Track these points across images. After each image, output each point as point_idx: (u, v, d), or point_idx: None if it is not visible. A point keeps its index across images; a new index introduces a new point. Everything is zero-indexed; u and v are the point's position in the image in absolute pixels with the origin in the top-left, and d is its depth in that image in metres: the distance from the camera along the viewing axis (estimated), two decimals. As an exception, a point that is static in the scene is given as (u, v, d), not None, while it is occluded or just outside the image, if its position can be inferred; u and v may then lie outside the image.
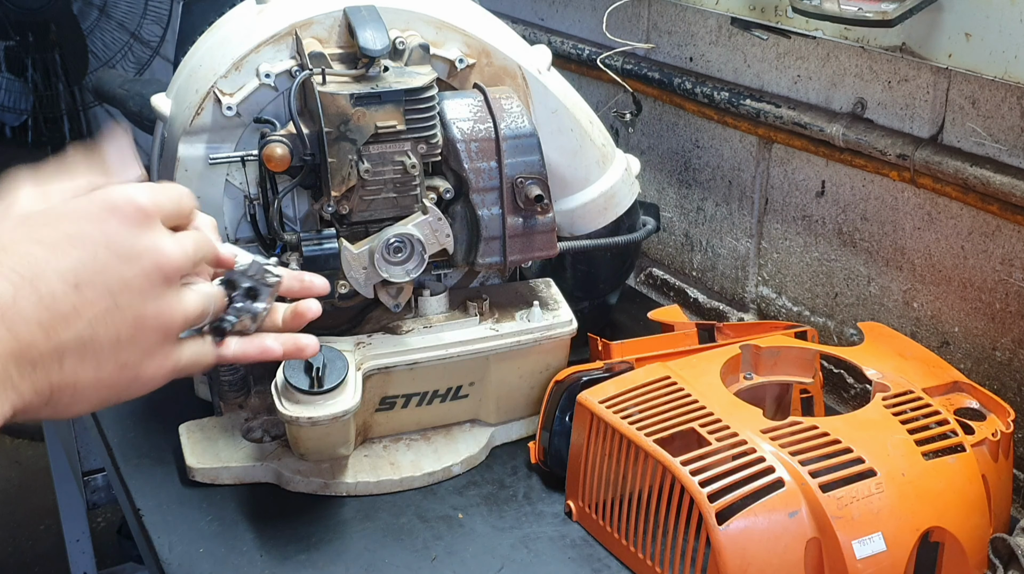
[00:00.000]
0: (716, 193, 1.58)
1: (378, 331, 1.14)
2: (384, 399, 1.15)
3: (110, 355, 0.68)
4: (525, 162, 1.12)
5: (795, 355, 1.16)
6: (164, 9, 3.49)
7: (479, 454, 1.19)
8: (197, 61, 1.16)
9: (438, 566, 1.03)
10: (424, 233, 1.08)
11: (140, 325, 0.70)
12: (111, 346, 0.68)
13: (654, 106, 1.66)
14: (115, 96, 1.93)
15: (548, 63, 1.24)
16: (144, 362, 0.71)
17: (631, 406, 1.04)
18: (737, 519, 0.90)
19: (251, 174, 1.13)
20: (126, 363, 0.70)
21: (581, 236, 1.29)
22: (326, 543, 1.06)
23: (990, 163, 1.13)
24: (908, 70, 1.22)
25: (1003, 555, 0.94)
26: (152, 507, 1.11)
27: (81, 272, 0.66)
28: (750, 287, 1.55)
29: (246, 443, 1.16)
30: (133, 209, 0.69)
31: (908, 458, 0.95)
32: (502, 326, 1.17)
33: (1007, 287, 1.16)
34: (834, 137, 1.29)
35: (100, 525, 2.75)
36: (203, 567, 1.03)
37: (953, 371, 1.11)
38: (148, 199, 0.71)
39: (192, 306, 0.73)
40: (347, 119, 1.03)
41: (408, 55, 1.09)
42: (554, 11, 1.86)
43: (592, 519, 1.06)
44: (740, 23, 1.40)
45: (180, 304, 0.72)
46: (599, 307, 1.42)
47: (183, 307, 0.72)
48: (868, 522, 0.90)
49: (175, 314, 0.71)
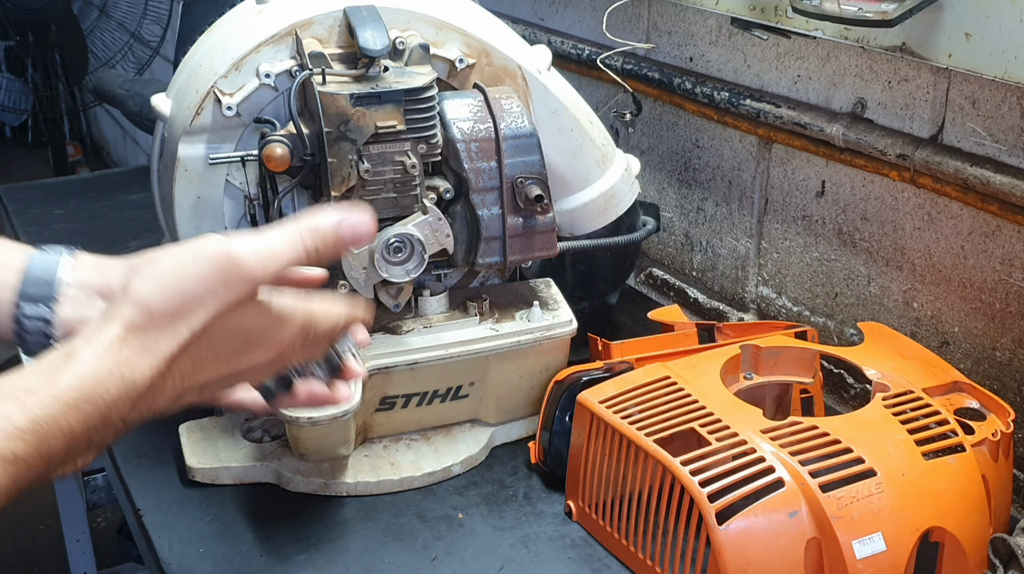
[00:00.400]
0: (716, 193, 1.58)
1: (378, 331, 1.14)
2: (384, 399, 1.15)
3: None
4: (525, 162, 1.12)
5: (795, 355, 1.16)
6: (164, 9, 3.49)
7: (479, 454, 1.19)
8: (197, 61, 1.16)
9: (438, 566, 1.03)
10: (424, 233, 1.08)
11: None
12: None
13: (654, 106, 1.66)
14: (115, 96, 1.94)
15: (548, 63, 1.24)
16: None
17: (631, 406, 1.04)
18: (737, 519, 0.90)
19: (251, 174, 1.13)
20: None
21: (581, 236, 1.29)
22: (326, 543, 1.06)
23: (990, 163, 1.13)
24: (908, 70, 1.22)
25: (1003, 555, 0.94)
26: (152, 507, 1.11)
27: (208, 386, 0.75)
28: (750, 287, 1.55)
29: (246, 443, 1.16)
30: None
31: (908, 458, 0.95)
32: (502, 326, 1.17)
33: (1007, 287, 1.16)
34: (834, 137, 1.29)
35: (100, 525, 2.75)
36: (203, 567, 1.02)
37: (953, 371, 1.11)
38: (300, 349, 0.79)
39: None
40: (347, 119, 1.03)
41: (408, 55, 1.09)
42: (554, 11, 1.86)
43: (592, 519, 1.06)
44: (740, 23, 1.40)
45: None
46: (599, 307, 1.42)
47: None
48: (868, 522, 0.90)
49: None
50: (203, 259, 0.70)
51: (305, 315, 0.78)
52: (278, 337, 0.76)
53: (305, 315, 0.78)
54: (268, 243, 0.73)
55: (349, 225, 0.76)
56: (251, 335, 0.74)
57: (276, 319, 0.76)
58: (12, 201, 2.01)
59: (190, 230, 1.15)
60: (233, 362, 0.74)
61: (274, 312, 0.76)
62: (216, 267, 0.70)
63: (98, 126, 5.40)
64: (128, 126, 4.44)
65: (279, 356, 0.77)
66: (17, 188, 2.12)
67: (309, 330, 0.78)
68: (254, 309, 0.74)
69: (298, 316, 0.77)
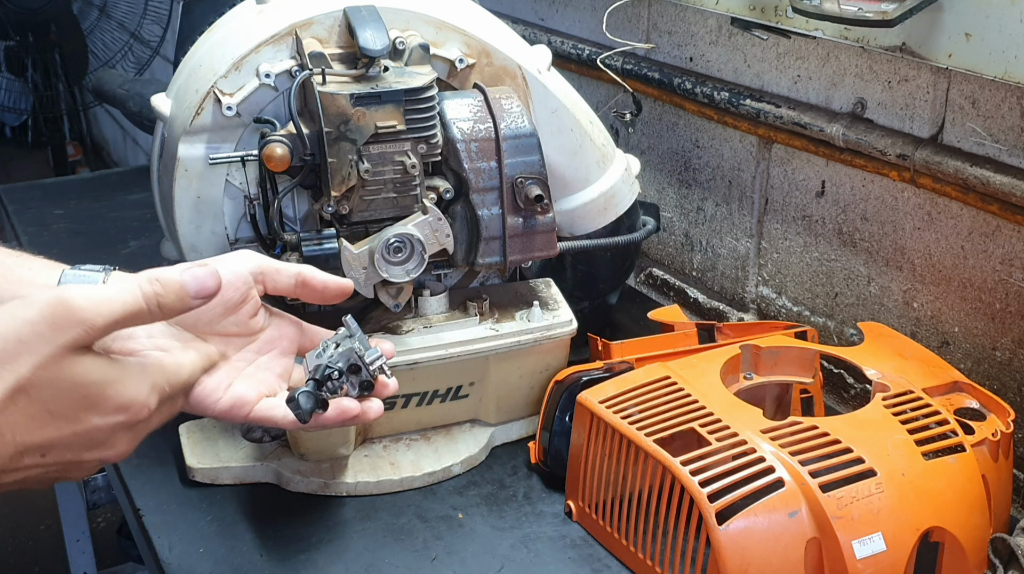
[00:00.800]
0: (716, 193, 1.58)
1: (378, 331, 1.14)
2: (384, 399, 1.15)
3: (22, 485, 0.72)
4: (525, 162, 1.12)
5: (795, 355, 1.16)
6: (164, 9, 3.49)
7: (479, 454, 1.19)
8: (197, 61, 1.16)
9: (438, 566, 1.03)
10: (424, 233, 1.08)
11: (63, 478, 0.75)
12: (30, 482, 0.72)
13: (654, 106, 1.66)
14: (115, 96, 1.93)
15: (548, 63, 1.24)
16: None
17: (631, 406, 1.04)
18: (737, 519, 0.90)
19: (251, 174, 1.13)
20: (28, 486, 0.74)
21: (581, 236, 1.29)
22: (326, 543, 1.06)
23: (990, 163, 1.13)
24: (908, 70, 1.22)
25: (1003, 555, 0.94)
26: (152, 507, 1.11)
27: (48, 448, 0.69)
28: (750, 287, 1.55)
29: (246, 443, 1.16)
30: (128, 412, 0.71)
31: (908, 458, 0.95)
32: (502, 326, 1.17)
33: (1007, 287, 1.16)
34: (834, 137, 1.29)
35: (100, 525, 2.75)
36: (203, 567, 1.03)
37: (953, 371, 1.11)
38: (154, 406, 0.73)
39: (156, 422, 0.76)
40: (347, 119, 1.03)
41: (408, 55, 1.09)
42: (554, 11, 1.86)
43: (592, 519, 1.06)
44: (740, 23, 1.40)
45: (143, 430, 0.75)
46: (599, 307, 1.42)
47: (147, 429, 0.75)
48: (868, 522, 0.90)
49: (127, 449, 0.74)
50: (33, 303, 0.67)
51: (155, 370, 0.73)
52: (124, 395, 0.70)
53: (155, 370, 0.73)
54: (104, 290, 0.69)
55: (193, 276, 0.73)
56: (89, 390, 0.69)
57: (119, 375, 0.70)
58: (12, 201, 2.01)
59: (190, 230, 1.15)
60: (73, 422, 0.69)
61: (115, 367, 0.70)
62: (45, 310, 0.66)
63: (98, 126, 5.40)
64: (128, 126, 4.44)
65: (130, 420, 0.71)
66: (17, 188, 2.12)
67: (163, 388, 0.73)
68: (90, 361, 0.68)
69: (147, 372, 0.72)
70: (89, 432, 0.70)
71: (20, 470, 0.69)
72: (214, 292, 0.75)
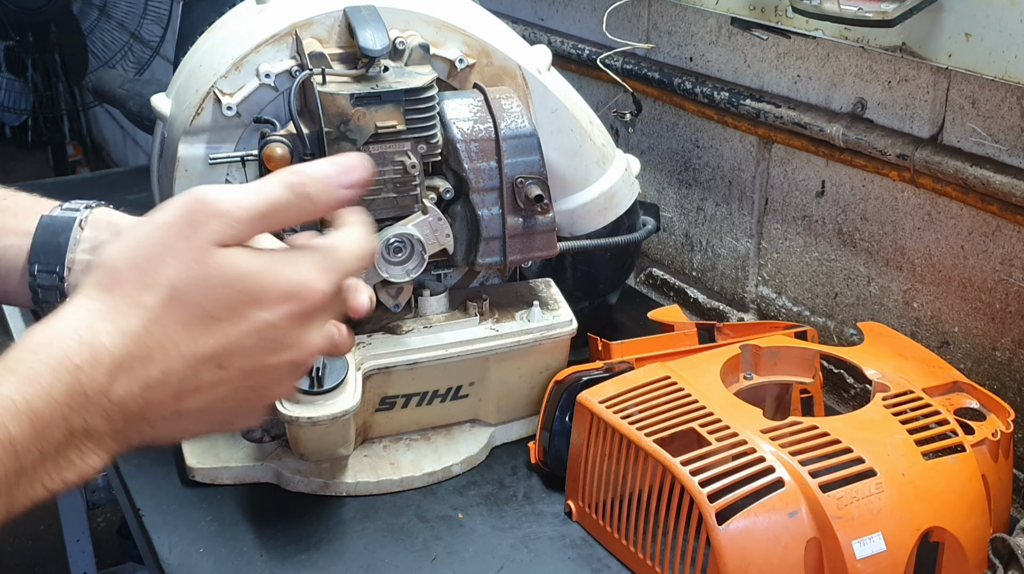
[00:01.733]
0: (716, 193, 1.58)
1: (378, 331, 1.14)
2: (384, 399, 1.15)
3: (223, 420, 0.69)
4: (525, 162, 1.12)
5: (795, 355, 1.16)
6: (164, 9, 3.50)
7: (479, 454, 1.19)
8: (197, 61, 1.16)
9: (438, 566, 1.03)
10: (424, 233, 1.08)
11: (263, 399, 0.70)
12: (228, 413, 0.68)
13: (654, 106, 1.66)
14: (115, 96, 1.93)
15: (548, 63, 1.24)
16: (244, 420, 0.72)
17: (631, 406, 1.04)
18: (737, 519, 0.90)
19: (251, 174, 1.13)
20: (232, 421, 0.71)
21: (581, 236, 1.29)
22: (326, 543, 1.06)
23: (990, 163, 1.13)
24: (908, 70, 1.22)
25: (1003, 555, 0.94)
26: (152, 507, 1.11)
27: (223, 356, 0.64)
28: (750, 287, 1.55)
29: (246, 443, 1.16)
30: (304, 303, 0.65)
31: (908, 458, 0.95)
32: (502, 326, 1.17)
33: (1007, 287, 1.16)
34: (834, 137, 1.29)
35: (100, 525, 2.75)
36: (203, 567, 1.03)
37: (953, 371, 1.11)
38: (327, 289, 0.66)
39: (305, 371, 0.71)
40: (347, 119, 1.03)
41: (408, 55, 1.09)
42: (554, 11, 1.86)
43: (592, 519, 1.06)
44: (740, 23, 1.40)
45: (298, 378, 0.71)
46: (599, 307, 1.42)
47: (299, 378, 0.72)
48: (868, 522, 0.90)
49: (292, 389, 0.72)
50: (169, 206, 0.64)
51: (314, 250, 0.67)
52: (285, 282, 0.64)
53: (314, 250, 0.67)
54: (241, 186, 0.65)
55: (340, 163, 0.67)
56: (244, 284, 0.63)
57: (272, 262, 0.64)
58: (12, 201, 2.01)
59: (190, 230, 1.15)
60: (238, 321, 0.63)
61: (268, 256, 0.64)
62: (184, 211, 0.63)
63: (98, 126, 5.40)
64: (128, 126, 4.44)
65: (303, 309, 0.65)
66: (17, 188, 2.12)
67: (329, 267, 0.66)
68: (239, 253, 0.63)
69: (307, 254, 0.66)
70: (260, 330, 0.64)
71: (203, 390, 0.64)
72: (363, 177, 0.67)
